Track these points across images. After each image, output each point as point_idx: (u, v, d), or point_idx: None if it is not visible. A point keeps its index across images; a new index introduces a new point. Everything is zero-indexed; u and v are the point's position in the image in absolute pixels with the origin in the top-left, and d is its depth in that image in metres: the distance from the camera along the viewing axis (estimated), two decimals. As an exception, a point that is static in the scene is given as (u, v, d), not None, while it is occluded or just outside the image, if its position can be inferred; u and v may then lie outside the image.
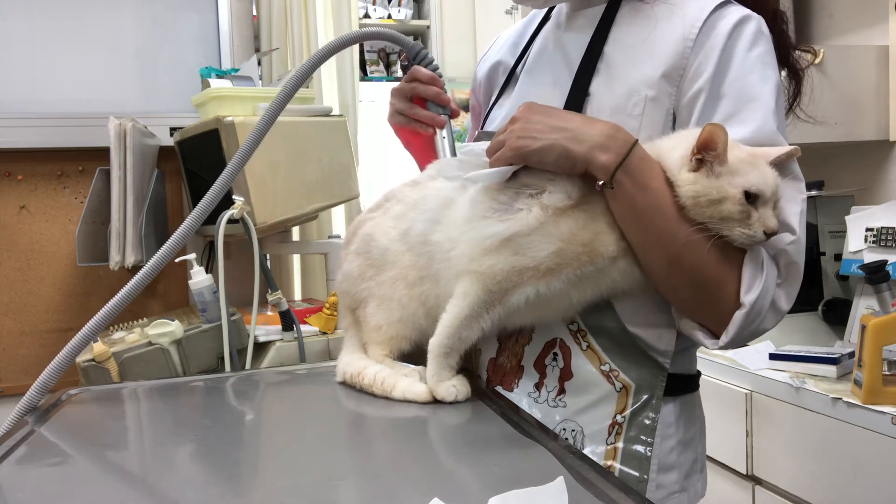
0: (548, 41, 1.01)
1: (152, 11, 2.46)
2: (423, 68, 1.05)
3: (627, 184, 0.80)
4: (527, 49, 1.06)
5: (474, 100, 1.19)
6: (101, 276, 2.33)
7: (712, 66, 0.84)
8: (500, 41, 1.14)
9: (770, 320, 0.82)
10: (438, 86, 1.05)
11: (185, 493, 0.64)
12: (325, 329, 1.91)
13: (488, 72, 1.13)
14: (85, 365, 1.70)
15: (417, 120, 1.05)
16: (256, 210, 1.85)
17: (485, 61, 1.15)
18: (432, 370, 0.86)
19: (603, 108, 0.88)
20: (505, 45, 1.12)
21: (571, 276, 0.81)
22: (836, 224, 1.89)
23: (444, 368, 0.86)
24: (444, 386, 0.85)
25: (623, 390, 0.87)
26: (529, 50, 1.05)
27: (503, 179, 0.84)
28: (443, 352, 0.86)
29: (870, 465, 1.38)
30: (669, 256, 0.80)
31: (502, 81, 1.08)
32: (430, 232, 0.90)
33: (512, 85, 1.05)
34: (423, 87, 1.04)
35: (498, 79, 1.10)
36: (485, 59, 1.16)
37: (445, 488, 0.62)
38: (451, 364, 0.86)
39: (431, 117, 1.04)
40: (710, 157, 0.78)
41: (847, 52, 1.93)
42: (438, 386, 0.85)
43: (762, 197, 0.77)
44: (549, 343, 0.90)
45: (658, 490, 0.88)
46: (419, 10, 3.71)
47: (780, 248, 0.81)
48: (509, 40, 1.12)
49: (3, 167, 2.28)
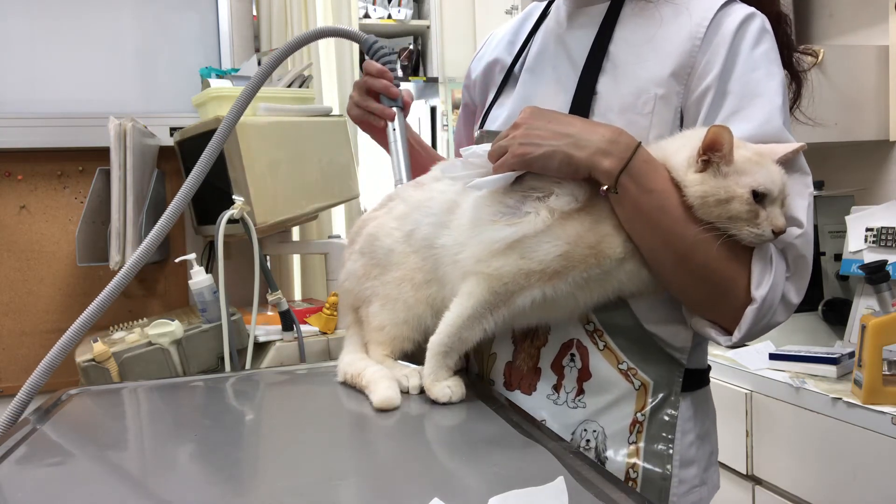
0: (548, 39, 1.01)
1: (152, 11, 2.46)
2: (374, 62, 1.11)
3: (632, 187, 0.80)
4: (524, 47, 1.05)
5: (468, 97, 1.19)
6: (101, 276, 2.33)
7: (719, 64, 0.85)
8: (495, 39, 1.14)
9: (781, 314, 0.82)
10: (387, 79, 1.10)
11: (185, 493, 0.64)
12: (325, 329, 1.91)
13: (484, 70, 1.13)
14: (85, 365, 1.70)
15: (371, 112, 1.11)
16: (256, 210, 1.85)
17: (480, 59, 1.15)
18: (430, 368, 0.86)
19: (612, 107, 0.88)
20: (500, 42, 1.12)
21: (578, 278, 0.81)
22: (836, 224, 1.89)
23: (441, 368, 0.86)
24: (440, 386, 0.85)
25: (642, 388, 0.88)
26: (528, 48, 1.05)
27: (507, 185, 0.85)
28: (442, 350, 0.86)
29: (870, 465, 1.38)
30: (677, 257, 0.80)
31: (500, 80, 1.07)
32: (436, 236, 0.90)
33: (512, 84, 1.04)
34: (372, 80, 1.11)
35: (495, 77, 1.10)
36: (480, 57, 1.16)
37: (445, 488, 0.62)
38: (448, 364, 0.86)
39: (381, 109, 1.10)
40: (717, 158, 0.78)
41: (847, 52, 1.93)
42: (434, 385, 0.85)
43: (770, 196, 0.77)
44: (565, 344, 0.90)
45: (680, 485, 0.88)
46: (419, 10, 3.71)
47: (788, 242, 0.81)
48: (505, 38, 1.11)
49: (3, 167, 2.28)
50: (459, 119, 1.25)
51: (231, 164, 1.87)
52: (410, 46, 3.72)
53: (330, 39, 2.52)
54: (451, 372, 0.87)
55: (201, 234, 2.34)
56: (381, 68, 1.10)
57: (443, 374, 0.86)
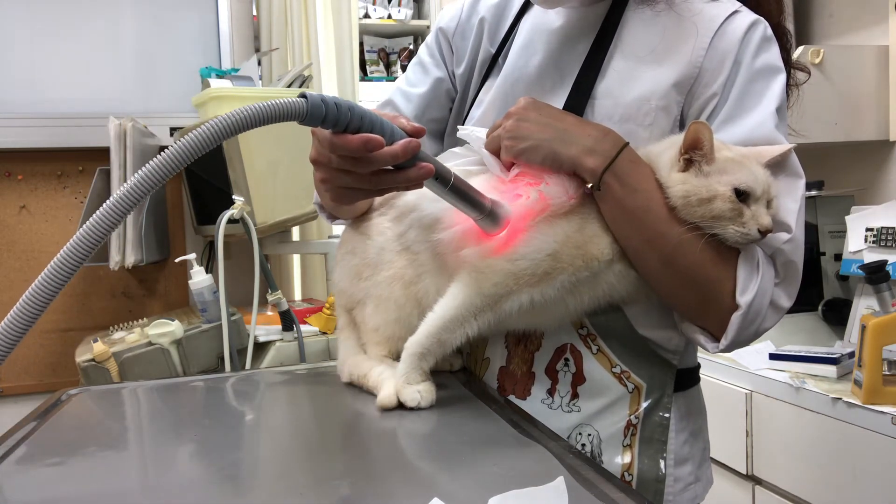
0: (535, 36, 0.97)
1: (152, 11, 2.46)
2: (348, 135, 0.70)
3: (616, 186, 0.80)
4: (506, 39, 1.00)
5: (444, 42, 1.06)
6: (101, 276, 2.33)
7: (724, 74, 0.85)
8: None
9: (770, 319, 0.82)
10: (377, 143, 0.70)
11: (185, 493, 0.64)
12: (325, 329, 1.91)
13: (477, 27, 1.03)
14: (85, 365, 1.70)
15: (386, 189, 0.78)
16: (256, 210, 1.85)
17: (475, 14, 1.04)
18: (403, 369, 0.84)
19: (612, 115, 0.88)
20: (488, 13, 1.03)
21: (566, 282, 0.81)
22: (836, 224, 1.89)
23: (415, 370, 0.84)
24: (410, 390, 0.83)
25: (635, 391, 0.88)
26: (511, 40, 1.00)
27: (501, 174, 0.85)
28: (418, 351, 0.84)
29: (870, 465, 1.38)
30: (662, 258, 0.80)
31: (479, 74, 1.02)
32: (432, 229, 0.89)
33: (493, 77, 1.00)
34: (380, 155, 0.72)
35: (476, 63, 1.03)
36: (475, 9, 1.05)
37: (445, 488, 0.62)
38: (423, 367, 0.84)
39: (417, 173, 0.73)
40: (698, 157, 0.78)
41: (847, 52, 1.92)
42: (404, 388, 0.83)
43: (753, 194, 0.77)
44: (559, 349, 0.89)
45: (676, 483, 0.89)
46: (419, 10, 3.71)
47: (776, 247, 0.81)
48: (491, 9, 1.03)
49: (3, 167, 2.28)
50: (416, 73, 1.08)
51: (231, 164, 1.87)
52: (410, 46, 3.72)
53: (330, 37, 2.52)
54: (425, 376, 0.85)
55: (201, 234, 2.35)
56: (364, 138, 0.70)
57: (415, 377, 0.84)
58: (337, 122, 0.67)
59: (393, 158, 0.71)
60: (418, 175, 0.73)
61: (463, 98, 1.06)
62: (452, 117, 1.07)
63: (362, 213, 0.97)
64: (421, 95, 1.06)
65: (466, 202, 0.78)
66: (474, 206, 0.78)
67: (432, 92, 1.06)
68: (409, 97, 1.06)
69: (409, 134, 0.73)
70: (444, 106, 1.07)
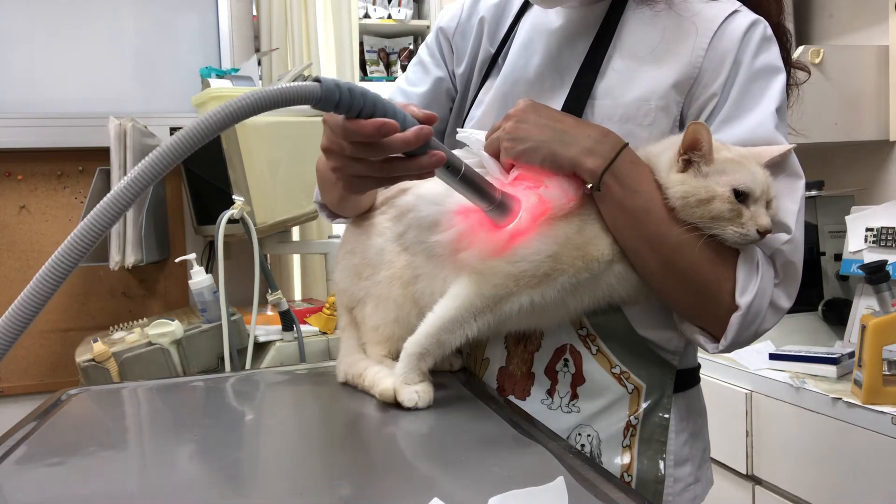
0: (535, 36, 0.97)
1: (152, 11, 2.46)
2: (361, 120, 0.69)
3: (615, 187, 0.80)
4: (506, 38, 1.00)
5: (444, 42, 1.06)
6: (101, 276, 2.33)
7: (724, 74, 0.85)
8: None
9: (770, 320, 0.82)
10: (391, 128, 0.69)
11: (185, 493, 0.64)
12: (325, 329, 1.91)
13: (477, 27, 1.03)
14: (85, 365, 1.70)
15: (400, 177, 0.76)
16: (256, 210, 1.85)
17: (475, 14, 1.04)
18: (401, 369, 0.84)
19: (612, 116, 0.87)
20: (488, 12, 1.03)
21: (567, 283, 0.81)
22: (836, 224, 1.89)
23: (413, 371, 0.84)
24: (408, 391, 0.83)
25: (635, 392, 0.88)
26: (511, 40, 1.00)
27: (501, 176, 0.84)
28: (417, 351, 0.84)
29: (870, 465, 1.38)
30: (662, 259, 0.80)
31: (479, 75, 1.02)
32: (430, 231, 0.89)
33: (493, 78, 1.00)
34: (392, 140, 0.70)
35: (476, 61, 1.03)
36: (475, 9, 1.04)
37: (445, 488, 0.62)
38: (422, 368, 0.84)
39: (429, 160, 0.73)
40: (697, 158, 0.78)
41: (847, 52, 1.92)
42: (402, 388, 0.83)
43: (752, 195, 0.77)
44: (559, 349, 0.89)
45: (676, 484, 0.89)
46: (419, 10, 3.70)
47: (775, 247, 0.81)
48: (491, 9, 1.03)
49: (3, 167, 2.28)
50: (416, 72, 1.08)
51: (231, 164, 1.87)
52: (410, 46, 3.72)
53: (330, 37, 2.52)
54: (423, 377, 0.85)
55: (201, 234, 2.35)
56: (378, 122, 0.69)
57: (413, 378, 0.84)
58: (350, 107, 0.67)
59: (405, 145, 0.70)
60: (430, 163, 0.72)
61: (463, 98, 1.06)
62: (452, 117, 1.07)
63: (364, 210, 0.97)
64: (421, 95, 1.06)
65: (476, 192, 0.77)
66: (484, 196, 0.78)
67: (432, 91, 1.06)
68: (409, 97, 1.06)
69: (421, 121, 0.72)
70: (445, 106, 1.07)
